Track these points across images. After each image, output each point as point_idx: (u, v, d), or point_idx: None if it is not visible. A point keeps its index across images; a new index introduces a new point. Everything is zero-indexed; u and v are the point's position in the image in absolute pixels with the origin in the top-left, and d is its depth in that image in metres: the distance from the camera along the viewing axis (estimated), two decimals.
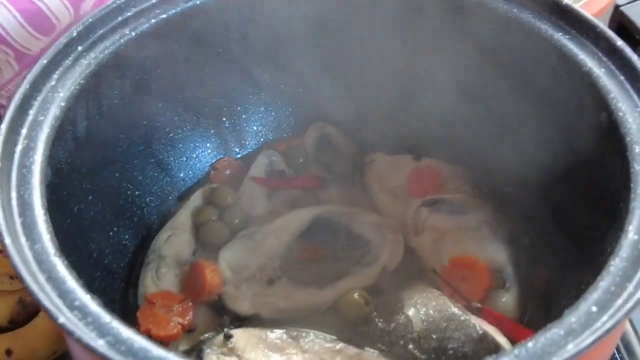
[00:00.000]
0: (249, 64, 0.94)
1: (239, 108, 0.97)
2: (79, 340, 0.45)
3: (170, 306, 0.76)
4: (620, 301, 0.49)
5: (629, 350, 0.80)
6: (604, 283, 0.51)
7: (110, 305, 0.77)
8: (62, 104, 0.67)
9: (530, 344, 0.46)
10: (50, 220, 0.60)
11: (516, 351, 0.46)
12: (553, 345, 0.46)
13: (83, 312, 0.49)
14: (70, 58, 0.71)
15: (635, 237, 0.54)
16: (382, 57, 0.93)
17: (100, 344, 0.46)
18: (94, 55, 0.73)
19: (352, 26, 0.90)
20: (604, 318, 0.47)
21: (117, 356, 0.44)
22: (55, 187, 0.67)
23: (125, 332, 0.47)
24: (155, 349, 0.46)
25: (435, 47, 0.84)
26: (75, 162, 0.73)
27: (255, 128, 1.00)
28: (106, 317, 0.49)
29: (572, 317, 0.48)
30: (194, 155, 0.95)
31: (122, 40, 0.75)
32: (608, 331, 0.45)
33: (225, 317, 0.77)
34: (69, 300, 0.50)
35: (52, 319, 0.47)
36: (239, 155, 0.99)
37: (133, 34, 0.76)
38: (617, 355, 0.80)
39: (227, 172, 0.96)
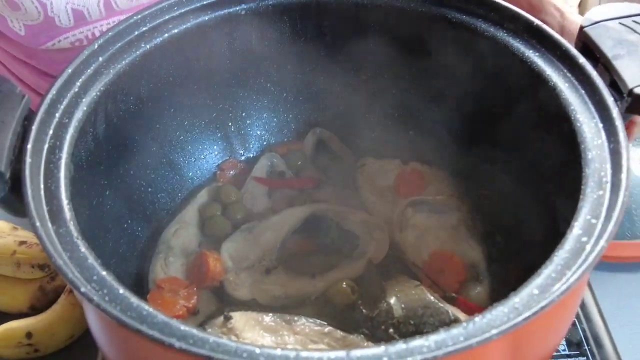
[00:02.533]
0: (254, 74, 1.03)
1: (244, 114, 1.05)
2: (97, 306, 0.53)
3: (177, 291, 0.84)
4: (558, 285, 0.56)
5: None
6: (547, 270, 0.58)
7: None
8: (85, 108, 0.76)
9: (477, 319, 0.54)
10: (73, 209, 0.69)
11: (465, 324, 0.53)
12: (497, 320, 0.54)
13: (100, 285, 0.57)
14: (92, 68, 0.79)
15: (580, 231, 0.61)
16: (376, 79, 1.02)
17: (115, 310, 0.54)
18: (112, 66, 0.80)
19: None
20: (543, 299, 0.55)
21: (129, 320, 0.53)
22: (77, 182, 0.74)
23: (136, 301, 0.56)
24: (160, 316, 0.54)
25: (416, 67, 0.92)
26: (94, 160, 0.80)
27: (258, 132, 1.07)
28: (119, 288, 0.57)
29: (516, 298, 0.56)
30: (202, 157, 1.01)
31: (137, 52, 0.83)
32: (543, 308, 0.53)
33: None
34: (88, 274, 0.58)
35: (75, 288, 0.55)
36: (243, 157, 1.04)
37: (148, 46, 0.84)
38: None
39: (232, 173, 1.03)
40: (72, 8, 0.99)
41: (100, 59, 0.80)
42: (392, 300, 0.81)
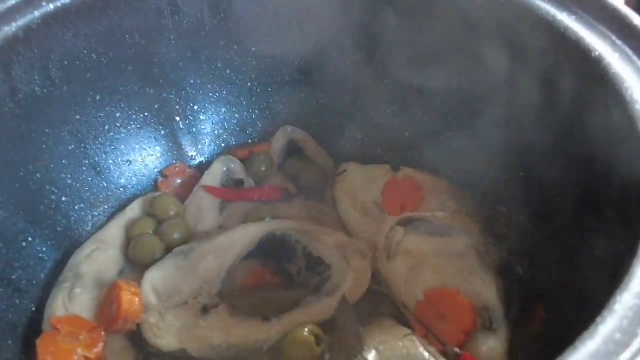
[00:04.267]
0: (209, 55, 0.82)
1: (196, 107, 0.86)
2: None
3: (77, 335, 0.63)
4: (627, 355, 0.33)
5: None
6: (605, 327, 0.36)
7: (11, 330, 0.66)
8: None
9: None
10: None
11: None
12: None
13: None
14: None
15: None
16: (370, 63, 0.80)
17: None
18: None
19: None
20: None
21: None
22: None
23: None
24: None
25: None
26: None
27: (215, 132, 0.88)
28: None
29: None
30: (139, 160, 0.83)
31: (36, 13, 0.65)
32: None
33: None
34: None
35: None
36: (194, 162, 0.87)
37: (52, 6, 0.66)
38: None
39: (178, 181, 0.84)
40: None
41: None
42: (371, 356, 0.60)
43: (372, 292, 0.68)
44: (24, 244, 0.70)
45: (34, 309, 0.69)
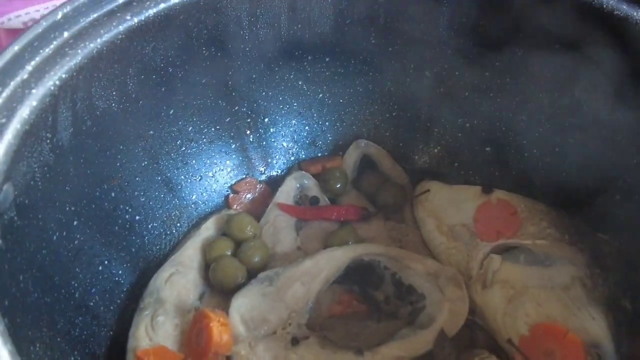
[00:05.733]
0: (282, 67, 0.80)
1: (266, 120, 0.83)
2: None
3: None
4: None
5: None
6: None
7: None
8: (34, 103, 0.54)
9: None
10: (14, 251, 0.50)
11: None
12: None
13: None
14: (51, 46, 0.58)
15: None
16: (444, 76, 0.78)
17: None
18: (83, 45, 0.60)
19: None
20: None
21: None
22: (26, 209, 0.54)
23: None
24: None
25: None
26: (55, 178, 0.60)
27: (284, 144, 0.85)
28: None
29: None
30: (210, 175, 0.81)
31: (121, 27, 0.62)
32: None
33: None
34: None
35: None
36: (263, 177, 0.85)
37: (135, 20, 0.63)
38: None
39: (249, 196, 0.82)
40: None
41: (66, 34, 0.60)
42: None
43: (469, 324, 0.65)
44: (100, 267, 0.68)
45: (111, 335, 0.67)
